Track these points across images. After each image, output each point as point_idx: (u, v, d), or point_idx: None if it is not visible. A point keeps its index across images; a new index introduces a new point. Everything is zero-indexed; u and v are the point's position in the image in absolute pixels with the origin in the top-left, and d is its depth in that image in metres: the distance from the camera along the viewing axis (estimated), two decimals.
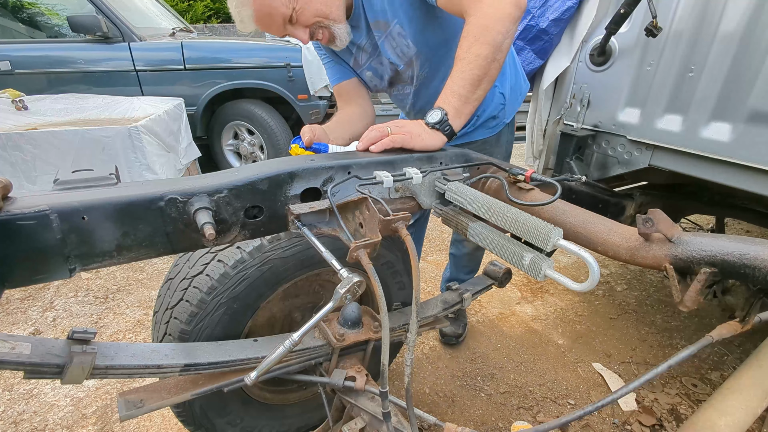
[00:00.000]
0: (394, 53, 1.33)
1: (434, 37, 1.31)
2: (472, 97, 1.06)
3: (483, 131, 1.55)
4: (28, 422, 1.64)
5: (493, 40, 1.02)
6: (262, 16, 1.16)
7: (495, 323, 2.29)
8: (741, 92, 1.25)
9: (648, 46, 1.47)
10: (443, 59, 1.35)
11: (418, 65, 1.36)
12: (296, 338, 0.82)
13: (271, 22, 1.18)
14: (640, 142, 1.55)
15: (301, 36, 1.22)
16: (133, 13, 3.75)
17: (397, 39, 1.29)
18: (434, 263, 2.87)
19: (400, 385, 1.85)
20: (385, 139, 1.04)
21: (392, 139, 1.03)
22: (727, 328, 0.91)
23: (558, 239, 0.73)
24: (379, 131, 1.06)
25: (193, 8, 8.00)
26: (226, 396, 1.15)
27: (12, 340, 0.69)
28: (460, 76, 1.05)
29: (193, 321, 1.05)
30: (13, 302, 2.36)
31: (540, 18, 1.72)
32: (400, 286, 1.37)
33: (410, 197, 1.03)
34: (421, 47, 1.30)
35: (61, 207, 0.69)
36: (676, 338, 2.21)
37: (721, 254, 0.74)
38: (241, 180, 0.85)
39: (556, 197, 0.90)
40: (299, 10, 1.16)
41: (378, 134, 1.06)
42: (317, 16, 1.19)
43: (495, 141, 1.59)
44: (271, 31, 1.22)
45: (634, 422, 1.69)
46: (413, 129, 1.05)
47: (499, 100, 1.51)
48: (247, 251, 1.05)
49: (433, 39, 1.31)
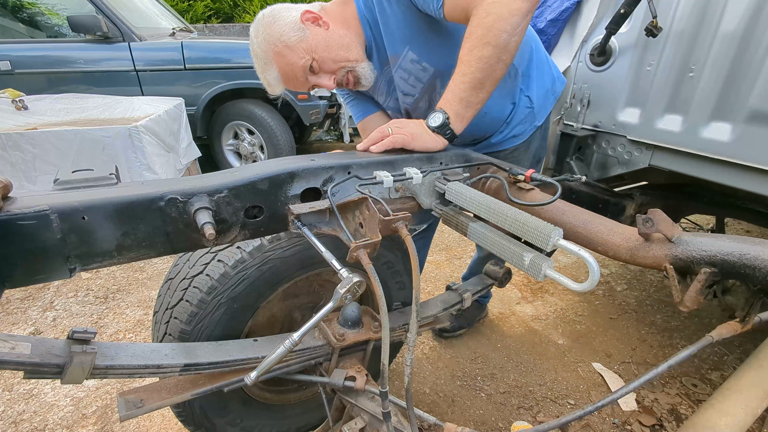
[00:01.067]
0: (407, 84, 1.31)
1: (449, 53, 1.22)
2: (474, 100, 1.04)
3: (513, 140, 1.48)
4: (28, 422, 1.64)
5: (496, 41, 0.97)
6: (286, 74, 1.20)
7: (495, 323, 2.29)
8: (741, 92, 1.25)
9: (648, 46, 1.47)
10: None
11: (439, 84, 1.30)
12: (296, 338, 0.82)
13: (294, 77, 1.20)
14: (640, 142, 1.55)
15: (326, 84, 1.23)
16: (133, 13, 3.75)
17: (409, 67, 1.27)
18: (434, 263, 2.87)
19: (400, 385, 1.85)
20: (386, 139, 1.03)
21: (393, 140, 1.03)
22: (727, 328, 0.91)
23: (558, 239, 0.73)
24: (380, 132, 1.06)
25: (193, 8, 8.00)
26: (226, 396, 1.15)
27: (12, 340, 0.69)
28: (461, 79, 1.02)
29: (193, 321, 1.05)
30: (13, 302, 2.36)
31: (538, 18, 1.72)
32: (400, 286, 1.37)
33: (410, 197, 1.03)
34: (439, 65, 1.26)
35: (61, 207, 0.69)
36: (676, 338, 2.21)
37: (721, 254, 0.74)
38: (241, 180, 0.85)
39: (556, 197, 0.90)
40: (320, 60, 1.18)
41: (379, 135, 1.05)
42: (339, 61, 1.20)
43: (525, 148, 1.51)
44: (297, 87, 1.24)
45: (634, 422, 1.69)
46: (414, 130, 1.05)
47: (525, 104, 1.42)
48: (247, 251, 1.05)
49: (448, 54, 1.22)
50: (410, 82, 1.31)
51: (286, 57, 1.17)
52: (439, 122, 1.04)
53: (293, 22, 1.16)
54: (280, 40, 1.15)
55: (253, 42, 1.20)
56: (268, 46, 1.17)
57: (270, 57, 1.18)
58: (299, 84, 1.23)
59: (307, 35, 1.16)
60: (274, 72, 1.20)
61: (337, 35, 1.20)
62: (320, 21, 1.19)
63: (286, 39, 1.15)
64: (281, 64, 1.19)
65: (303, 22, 1.16)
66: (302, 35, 1.16)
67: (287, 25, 1.15)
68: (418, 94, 1.33)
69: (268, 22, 1.17)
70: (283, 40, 1.15)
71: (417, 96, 1.34)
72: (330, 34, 1.19)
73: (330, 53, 1.19)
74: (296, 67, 1.18)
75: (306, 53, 1.17)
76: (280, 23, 1.15)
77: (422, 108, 1.38)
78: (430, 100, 1.35)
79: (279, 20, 1.16)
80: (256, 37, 1.19)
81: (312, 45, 1.17)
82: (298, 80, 1.22)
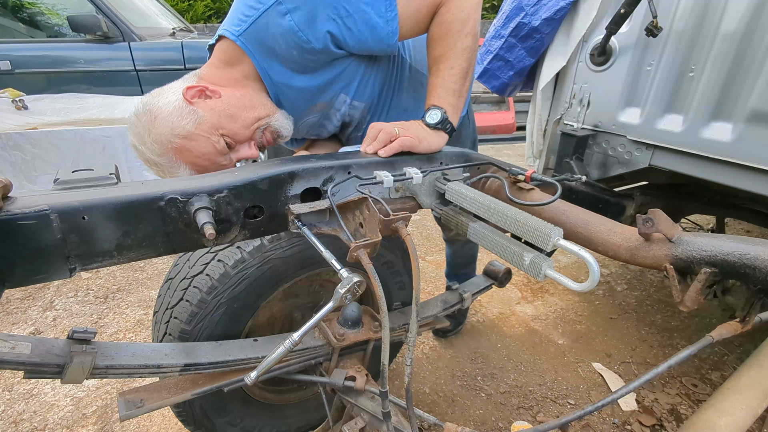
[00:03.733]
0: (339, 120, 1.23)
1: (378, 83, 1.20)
2: (464, 90, 1.07)
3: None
4: (28, 422, 1.64)
5: (472, 31, 1.03)
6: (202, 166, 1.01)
7: (495, 323, 2.29)
8: (741, 92, 1.25)
9: (648, 46, 1.47)
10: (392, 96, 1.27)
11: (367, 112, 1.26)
12: (296, 338, 0.82)
13: (213, 164, 1.02)
14: (640, 142, 1.55)
15: (249, 154, 1.07)
16: (133, 12, 3.75)
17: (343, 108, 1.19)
18: (434, 263, 2.87)
19: (400, 385, 1.85)
20: (395, 143, 0.99)
21: (402, 143, 0.99)
22: (727, 328, 0.91)
23: (558, 239, 0.73)
24: (387, 133, 0.99)
25: (194, 8, 8.00)
26: (226, 396, 1.15)
27: (12, 340, 0.69)
28: (450, 72, 1.04)
29: (193, 321, 1.05)
30: (13, 302, 2.36)
31: (533, 16, 1.71)
32: (400, 285, 1.37)
33: (410, 197, 1.03)
34: (369, 99, 1.21)
35: (61, 207, 0.69)
36: (676, 338, 2.21)
37: (722, 254, 0.74)
38: (241, 180, 0.85)
39: (556, 197, 0.90)
40: (231, 133, 1.01)
41: (386, 136, 0.99)
42: (252, 125, 1.04)
43: (457, 136, 1.51)
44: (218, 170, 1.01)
45: (634, 422, 1.69)
46: (419, 132, 1.03)
47: None
48: (247, 251, 1.05)
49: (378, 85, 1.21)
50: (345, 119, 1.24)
51: (192, 150, 0.98)
52: (439, 118, 1.04)
53: (177, 107, 0.97)
54: (174, 134, 0.96)
55: (143, 152, 0.99)
56: (164, 146, 0.96)
57: (172, 158, 0.98)
58: (220, 167, 1.03)
59: (201, 115, 0.98)
60: (185, 171, 1.00)
61: (235, 99, 1.02)
62: (207, 91, 1.01)
63: (180, 130, 0.96)
64: (189, 159, 0.99)
65: (189, 102, 0.98)
66: (195, 118, 0.97)
67: (172, 114, 0.96)
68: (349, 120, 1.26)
69: (148, 122, 0.96)
70: (177, 132, 0.96)
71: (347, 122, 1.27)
72: (226, 102, 1.01)
73: (238, 122, 1.01)
74: (211, 154, 1.00)
75: (212, 134, 0.99)
76: (163, 116, 0.96)
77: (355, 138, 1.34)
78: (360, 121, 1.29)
79: (159, 113, 0.96)
80: (142, 145, 0.98)
81: (213, 122, 0.99)
82: (218, 165, 1.03)
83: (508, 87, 1.93)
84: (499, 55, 1.85)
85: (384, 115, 1.29)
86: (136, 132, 0.99)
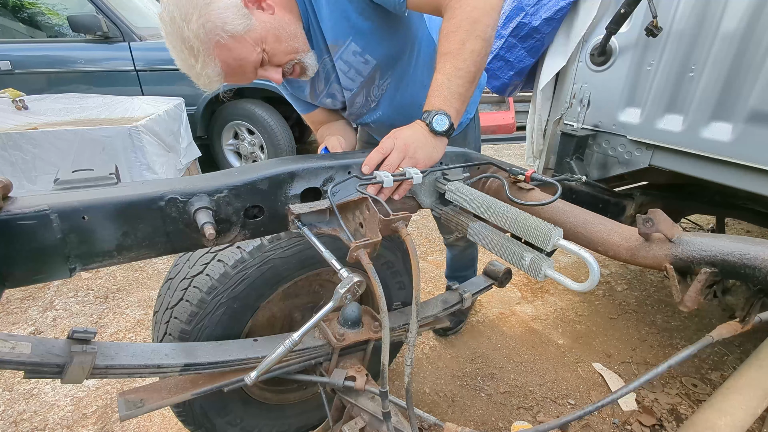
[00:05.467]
0: (346, 77, 1.23)
1: (394, 47, 1.22)
2: (469, 95, 1.03)
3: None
4: (29, 422, 1.64)
5: (484, 34, 0.97)
6: (233, 70, 1.02)
7: (495, 323, 2.29)
8: (741, 92, 1.25)
9: (648, 46, 1.47)
10: (406, 68, 1.28)
11: (378, 77, 1.26)
12: (296, 338, 0.82)
13: (242, 73, 1.04)
14: (640, 142, 1.55)
15: (274, 77, 1.09)
16: (133, 12, 3.75)
17: (351, 59, 1.18)
18: (434, 263, 2.87)
19: (400, 385, 1.85)
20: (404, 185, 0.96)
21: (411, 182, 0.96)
22: (727, 328, 0.91)
23: (558, 239, 0.73)
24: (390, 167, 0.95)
25: None
26: (226, 396, 1.15)
27: (12, 340, 0.69)
28: (456, 74, 0.98)
29: (193, 321, 1.05)
30: (13, 302, 2.36)
31: (533, 16, 1.71)
32: (400, 286, 1.37)
33: (410, 197, 1.03)
34: (380, 58, 1.20)
35: (61, 207, 0.69)
36: (676, 338, 2.21)
37: (722, 254, 0.74)
38: (241, 180, 0.85)
39: (556, 197, 0.90)
40: (270, 52, 1.04)
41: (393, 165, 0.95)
42: (290, 53, 1.08)
43: (462, 140, 1.53)
44: (241, 80, 1.07)
45: (634, 422, 1.69)
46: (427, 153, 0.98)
47: None
48: (247, 251, 1.05)
49: (393, 48, 1.22)
50: (350, 75, 1.22)
51: (233, 51, 0.98)
52: (446, 126, 0.98)
53: (236, 5, 0.95)
54: (224, 29, 0.94)
55: (181, 28, 0.93)
56: (209, 36, 0.94)
57: (211, 49, 0.96)
58: (243, 79, 1.06)
59: (254, 23, 0.98)
60: (215, 67, 0.98)
61: (284, 22, 1.04)
62: (263, 3, 1.02)
63: (231, 28, 0.95)
64: (226, 58, 0.98)
65: (246, 5, 0.98)
66: (248, 23, 0.97)
67: (230, 10, 0.94)
68: (356, 89, 1.26)
69: (202, 3, 0.92)
70: (228, 29, 0.94)
71: (355, 91, 1.27)
72: (277, 21, 1.03)
73: (281, 45, 1.04)
74: (247, 62, 1.01)
75: (256, 45, 1.00)
76: (220, 6, 0.93)
77: (359, 103, 1.32)
78: (368, 94, 1.30)
79: (217, 1, 0.94)
80: (184, 21, 0.92)
81: (261, 35, 1.00)
82: (245, 75, 1.05)
83: (508, 87, 1.93)
84: (500, 55, 1.85)
85: (402, 88, 1.32)
86: (181, 6, 0.92)
